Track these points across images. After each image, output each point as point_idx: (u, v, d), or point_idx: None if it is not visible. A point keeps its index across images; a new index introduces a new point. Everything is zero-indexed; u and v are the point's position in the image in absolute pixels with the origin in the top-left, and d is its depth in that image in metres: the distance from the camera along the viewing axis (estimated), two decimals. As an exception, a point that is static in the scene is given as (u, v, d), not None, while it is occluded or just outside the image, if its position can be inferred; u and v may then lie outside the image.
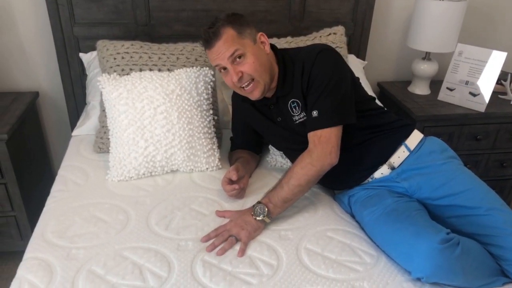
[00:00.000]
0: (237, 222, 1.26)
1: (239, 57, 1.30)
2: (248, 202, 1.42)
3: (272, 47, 1.43)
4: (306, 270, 1.15)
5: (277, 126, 1.47)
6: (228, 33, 1.29)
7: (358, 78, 1.45)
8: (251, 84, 1.34)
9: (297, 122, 1.40)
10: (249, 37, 1.33)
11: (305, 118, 1.38)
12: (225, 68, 1.34)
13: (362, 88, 1.48)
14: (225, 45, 1.29)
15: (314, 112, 1.31)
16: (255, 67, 1.31)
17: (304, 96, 1.36)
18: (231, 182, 1.40)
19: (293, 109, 1.39)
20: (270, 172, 1.61)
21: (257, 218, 1.27)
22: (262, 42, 1.37)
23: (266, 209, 1.27)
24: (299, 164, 1.31)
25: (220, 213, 1.35)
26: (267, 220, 1.28)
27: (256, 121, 1.54)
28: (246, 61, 1.31)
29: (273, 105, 1.45)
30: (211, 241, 1.23)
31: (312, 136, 1.32)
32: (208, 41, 1.31)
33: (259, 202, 1.30)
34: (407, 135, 1.42)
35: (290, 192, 1.29)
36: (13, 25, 1.97)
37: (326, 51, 1.35)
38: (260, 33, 1.37)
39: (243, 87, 1.35)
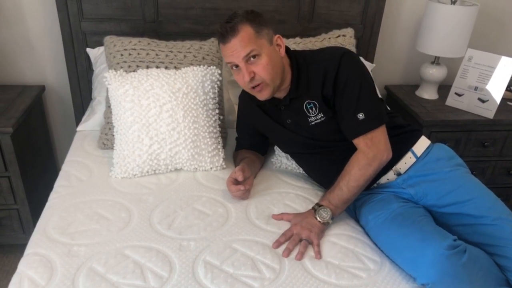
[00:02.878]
0: (303, 225, 1.26)
1: (254, 56, 1.29)
2: (252, 203, 1.41)
3: (286, 49, 1.42)
4: (309, 275, 1.14)
5: (285, 129, 1.46)
6: (246, 30, 1.27)
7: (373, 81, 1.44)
8: (260, 85, 1.33)
9: (313, 123, 1.39)
10: (266, 37, 1.31)
11: (322, 119, 1.38)
12: (237, 66, 1.32)
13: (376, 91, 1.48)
14: (241, 43, 1.27)
15: (360, 115, 1.31)
16: (267, 69, 1.30)
17: (325, 97, 1.36)
18: (236, 182, 1.39)
19: (309, 110, 1.38)
20: (275, 174, 1.60)
21: (321, 221, 1.28)
22: (278, 45, 1.36)
23: (330, 211, 1.29)
24: (356, 166, 1.31)
25: (277, 216, 1.35)
26: (330, 222, 1.30)
27: (263, 124, 1.53)
28: (260, 62, 1.29)
29: (284, 106, 1.44)
30: (283, 246, 1.23)
31: (363, 138, 1.32)
32: (224, 35, 1.29)
33: (320, 205, 1.31)
34: (414, 141, 1.40)
35: (350, 194, 1.31)
36: (22, 19, 1.97)
37: (349, 53, 1.35)
38: (277, 35, 1.36)
39: (253, 87, 1.34)
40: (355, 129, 1.33)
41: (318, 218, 1.28)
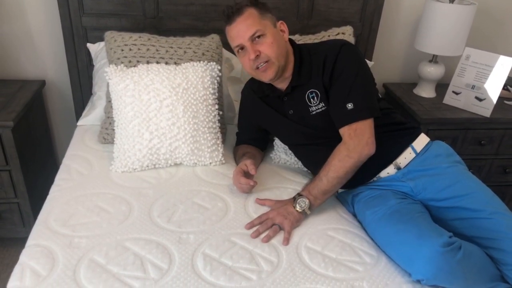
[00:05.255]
0: (280, 211, 1.30)
1: (259, 36, 1.33)
2: (250, 197, 1.43)
3: (290, 40, 1.46)
4: (306, 268, 1.16)
5: (288, 119, 1.48)
6: (250, 11, 1.34)
7: (373, 79, 1.46)
8: (265, 64, 1.36)
9: (314, 112, 1.41)
10: (270, 20, 1.37)
11: (323, 108, 1.40)
12: (242, 48, 1.36)
13: (376, 88, 1.49)
14: (246, 22, 1.32)
15: (349, 105, 1.33)
16: (273, 47, 1.34)
17: (325, 87, 1.38)
18: (245, 175, 1.42)
19: (311, 99, 1.40)
20: (274, 169, 1.62)
21: (299, 210, 1.30)
22: (281, 30, 1.41)
23: (308, 201, 1.31)
24: (337, 157, 1.33)
25: (260, 201, 1.39)
26: (308, 212, 1.32)
27: (266, 116, 1.55)
28: (265, 41, 1.34)
29: (286, 96, 1.46)
30: (255, 228, 1.27)
31: (348, 129, 1.33)
32: (230, 16, 1.34)
33: (300, 195, 1.33)
34: (414, 137, 1.43)
35: (329, 184, 1.32)
36: (22, 13, 1.98)
37: (349, 44, 1.38)
38: (281, 21, 1.41)
39: (257, 68, 1.37)
40: (342, 118, 1.35)
41: (296, 207, 1.30)
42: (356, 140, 1.32)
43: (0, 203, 1.86)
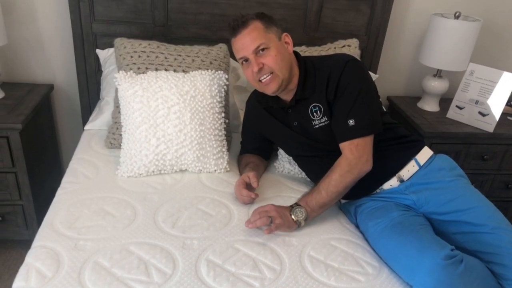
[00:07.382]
0: (277, 209, 1.31)
1: (263, 49, 1.35)
2: (254, 205, 1.43)
3: (295, 53, 1.47)
4: (308, 276, 1.16)
5: (292, 131, 1.49)
6: (256, 24, 1.35)
7: (377, 93, 1.47)
8: (269, 77, 1.37)
9: (317, 126, 1.43)
10: (275, 33, 1.38)
11: (326, 122, 1.41)
12: (247, 60, 1.38)
13: (380, 102, 1.51)
14: (251, 35, 1.34)
15: (351, 121, 1.34)
16: (276, 60, 1.35)
17: (329, 101, 1.39)
18: (247, 186, 1.43)
19: (314, 113, 1.42)
20: (277, 178, 1.63)
21: (294, 218, 1.31)
22: (286, 43, 1.42)
23: (305, 212, 1.32)
24: (338, 171, 1.34)
25: (261, 207, 1.36)
26: (302, 223, 1.32)
27: (270, 127, 1.56)
28: (269, 54, 1.35)
29: (290, 109, 1.48)
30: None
31: (349, 144, 1.35)
32: (235, 28, 1.36)
33: (298, 205, 1.34)
34: (417, 150, 1.44)
35: (328, 198, 1.34)
36: (34, 18, 2.01)
37: (355, 61, 1.39)
38: (285, 33, 1.42)
39: (261, 80, 1.39)
40: (343, 133, 1.37)
41: (292, 215, 1.31)
42: (358, 156, 1.33)
43: (5, 204, 1.87)
